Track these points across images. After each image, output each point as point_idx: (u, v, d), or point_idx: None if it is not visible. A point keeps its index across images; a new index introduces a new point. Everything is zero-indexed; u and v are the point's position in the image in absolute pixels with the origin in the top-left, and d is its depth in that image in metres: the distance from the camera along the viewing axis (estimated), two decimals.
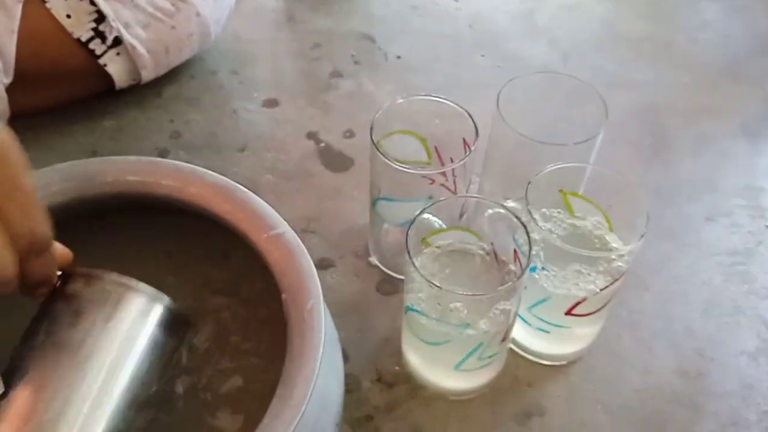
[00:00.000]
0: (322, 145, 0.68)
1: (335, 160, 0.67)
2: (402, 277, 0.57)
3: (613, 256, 0.45)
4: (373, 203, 0.54)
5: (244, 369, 0.45)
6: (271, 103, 0.72)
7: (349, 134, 0.69)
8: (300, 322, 0.38)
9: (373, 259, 0.58)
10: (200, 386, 0.45)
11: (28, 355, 0.34)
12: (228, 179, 0.44)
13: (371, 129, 0.50)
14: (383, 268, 0.58)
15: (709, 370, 0.53)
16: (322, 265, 0.58)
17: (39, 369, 0.33)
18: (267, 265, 0.41)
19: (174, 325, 0.38)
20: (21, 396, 0.33)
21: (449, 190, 0.51)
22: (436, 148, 0.54)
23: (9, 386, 0.33)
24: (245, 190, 0.44)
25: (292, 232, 0.42)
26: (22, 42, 0.58)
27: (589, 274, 0.45)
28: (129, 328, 0.36)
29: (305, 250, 0.41)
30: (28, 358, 0.34)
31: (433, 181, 0.50)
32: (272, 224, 0.42)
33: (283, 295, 0.39)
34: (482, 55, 0.78)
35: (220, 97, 0.72)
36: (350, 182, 0.65)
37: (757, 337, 0.55)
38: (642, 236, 0.43)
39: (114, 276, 0.36)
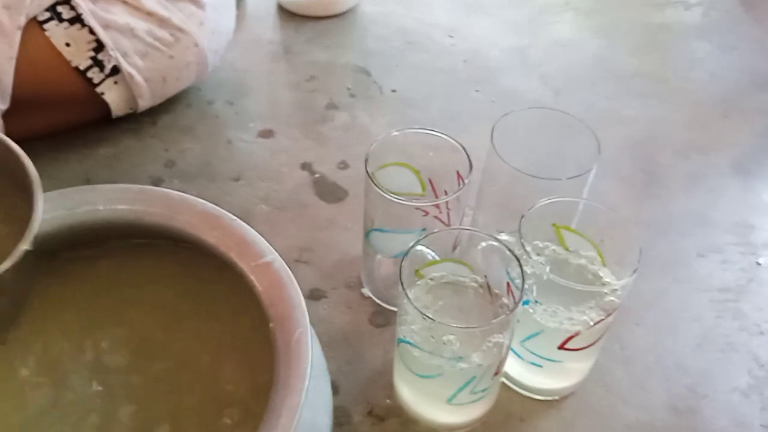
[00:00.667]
0: (317, 176, 0.68)
1: (329, 191, 0.67)
2: (394, 309, 0.56)
3: (606, 291, 0.45)
4: (367, 234, 0.54)
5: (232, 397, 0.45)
6: (267, 134, 0.72)
7: (344, 166, 0.69)
8: (287, 351, 0.38)
9: (366, 291, 0.58)
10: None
11: None
12: (217, 207, 0.44)
13: (366, 160, 0.50)
14: (376, 300, 0.58)
15: (702, 407, 0.52)
16: (314, 295, 0.58)
17: None
18: (255, 293, 0.40)
19: None
20: None
21: (443, 222, 0.51)
22: (430, 181, 0.54)
23: None
24: (234, 217, 0.44)
25: (281, 260, 0.41)
26: (20, 69, 0.59)
27: (582, 309, 0.45)
28: None
29: (294, 279, 0.41)
30: None
31: (427, 213, 0.50)
32: (261, 252, 0.42)
33: (271, 324, 0.39)
34: (476, 90, 0.79)
35: (216, 126, 0.73)
36: (344, 213, 0.65)
37: (749, 374, 0.55)
38: (635, 271, 0.43)
39: None
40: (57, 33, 0.60)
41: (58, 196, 0.42)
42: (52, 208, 0.41)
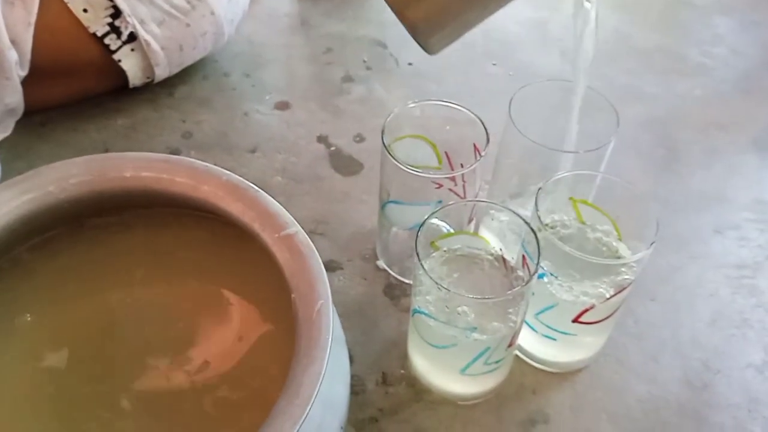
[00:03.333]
0: (333, 148, 0.68)
1: (345, 164, 0.67)
2: (408, 281, 0.57)
3: (623, 264, 0.45)
4: (382, 206, 0.54)
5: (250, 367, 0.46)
6: (283, 106, 0.72)
7: (359, 139, 0.69)
8: (308, 322, 0.38)
9: (381, 263, 0.58)
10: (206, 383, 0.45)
11: None
12: (241, 178, 0.44)
13: (383, 132, 0.50)
14: (390, 272, 0.58)
15: (715, 382, 0.53)
16: (329, 267, 0.58)
17: None
18: (277, 264, 0.41)
19: None
20: None
21: (458, 195, 0.51)
22: (446, 154, 0.54)
23: None
24: (257, 189, 0.44)
25: (304, 232, 0.42)
26: (38, 35, 0.59)
27: (597, 282, 0.45)
28: None
29: (315, 251, 0.41)
30: None
31: (441, 185, 0.50)
32: (284, 224, 0.42)
33: (293, 295, 0.39)
34: (494, 64, 0.79)
35: (232, 98, 0.73)
36: (359, 186, 0.65)
37: (764, 351, 0.54)
38: (652, 244, 0.43)
39: None
40: None
41: (84, 162, 0.42)
42: (79, 174, 0.42)
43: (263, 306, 0.46)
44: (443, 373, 0.49)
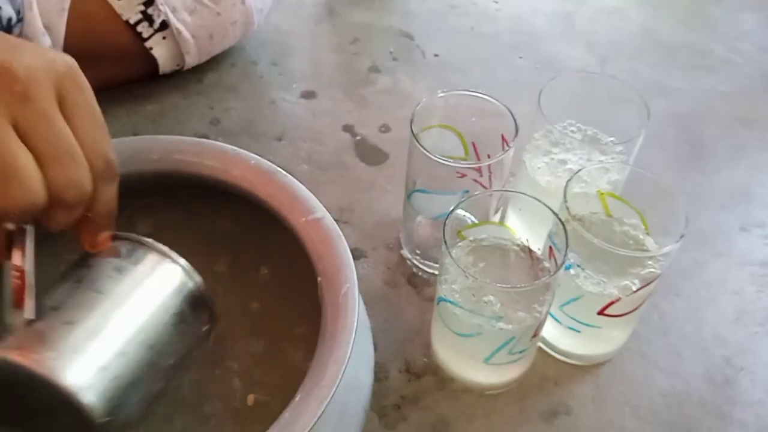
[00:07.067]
0: (358, 138, 0.69)
1: (370, 154, 0.67)
2: (433, 270, 0.57)
3: (650, 257, 0.45)
4: (408, 195, 0.55)
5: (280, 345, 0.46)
6: (309, 95, 0.73)
7: (385, 129, 0.70)
8: (334, 305, 0.39)
9: (405, 252, 0.59)
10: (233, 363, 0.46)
11: (65, 293, 0.35)
12: (270, 163, 0.45)
13: (411, 120, 0.51)
14: (415, 261, 0.58)
15: (738, 379, 0.52)
16: (354, 255, 0.58)
17: (72, 308, 0.34)
18: (304, 248, 0.41)
19: (200, 305, 0.38)
20: (49, 325, 0.33)
21: (484, 186, 0.51)
22: (473, 145, 0.54)
23: (39, 315, 0.33)
24: (286, 174, 0.44)
25: (330, 217, 0.42)
26: (71, 21, 0.60)
27: (624, 275, 0.45)
28: (165, 294, 0.36)
29: (342, 236, 0.41)
30: (63, 295, 0.34)
31: (464, 175, 0.50)
32: (311, 208, 0.42)
33: (319, 279, 0.40)
34: (520, 57, 0.79)
35: (260, 86, 0.73)
36: (384, 175, 0.65)
37: None
38: (681, 236, 0.43)
39: (159, 245, 0.37)
40: None
41: (116, 144, 0.43)
42: None
43: (292, 289, 0.47)
44: (467, 361, 0.49)
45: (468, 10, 0.84)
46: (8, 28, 0.56)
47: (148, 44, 0.64)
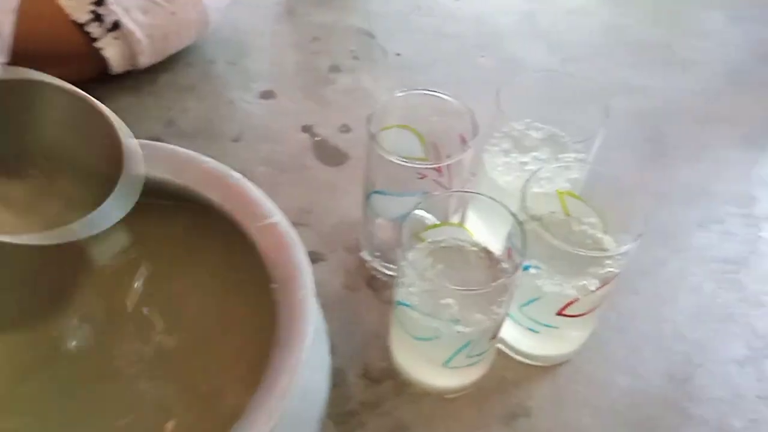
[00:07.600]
0: (318, 138, 0.67)
1: (330, 154, 0.66)
2: (393, 273, 0.56)
3: (608, 257, 0.45)
4: (367, 197, 0.54)
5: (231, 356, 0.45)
6: (268, 95, 0.71)
7: (345, 129, 0.69)
8: (289, 312, 0.38)
9: (365, 254, 0.58)
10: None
11: None
12: (223, 165, 0.43)
13: (369, 121, 0.50)
14: (374, 264, 0.57)
15: (697, 375, 0.53)
16: (312, 258, 0.57)
17: None
18: (258, 254, 0.40)
19: None
20: None
21: (444, 187, 0.51)
22: (434, 145, 0.53)
23: None
24: (240, 176, 0.43)
25: (286, 221, 0.41)
26: (20, 21, 0.58)
27: (582, 275, 0.45)
28: None
29: (298, 241, 0.40)
30: None
31: (425, 176, 0.50)
32: (266, 213, 0.41)
33: (274, 285, 0.39)
34: (482, 56, 0.78)
35: (217, 86, 0.72)
36: (344, 177, 0.64)
37: (746, 346, 0.54)
38: (639, 236, 0.43)
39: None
40: None
41: None
42: None
43: (247, 295, 0.46)
44: (426, 365, 0.49)
45: (430, 10, 0.83)
46: None
47: (98, 45, 0.62)
